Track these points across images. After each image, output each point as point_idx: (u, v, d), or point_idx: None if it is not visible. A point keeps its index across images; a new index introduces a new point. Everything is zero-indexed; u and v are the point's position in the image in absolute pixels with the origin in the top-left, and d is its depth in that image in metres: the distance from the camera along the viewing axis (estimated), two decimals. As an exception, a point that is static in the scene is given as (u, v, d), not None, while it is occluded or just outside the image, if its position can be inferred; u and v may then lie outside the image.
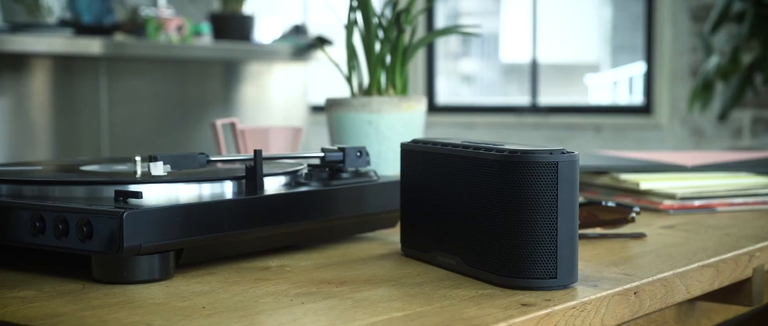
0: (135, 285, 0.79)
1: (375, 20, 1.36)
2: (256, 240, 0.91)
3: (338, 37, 3.60)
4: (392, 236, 1.04)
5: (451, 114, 5.72)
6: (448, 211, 0.85)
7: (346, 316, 0.70)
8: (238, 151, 1.42)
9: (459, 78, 7.99)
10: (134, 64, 3.04)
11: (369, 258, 0.93)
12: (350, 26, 1.38)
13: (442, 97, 6.03)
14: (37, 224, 0.81)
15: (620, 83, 7.69)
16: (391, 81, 1.37)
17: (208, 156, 0.92)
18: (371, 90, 1.36)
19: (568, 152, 0.78)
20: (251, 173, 0.90)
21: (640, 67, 7.41)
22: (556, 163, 0.77)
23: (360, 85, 1.39)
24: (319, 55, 3.42)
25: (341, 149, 1.00)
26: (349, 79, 1.39)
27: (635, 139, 5.00)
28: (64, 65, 2.88)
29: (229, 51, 3.23)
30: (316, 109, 3.72)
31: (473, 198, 0.81)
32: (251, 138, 1.41)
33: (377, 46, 1.36)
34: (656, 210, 1.23)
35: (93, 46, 2.84)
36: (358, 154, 1.00)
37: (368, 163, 1.01)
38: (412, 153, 0.91)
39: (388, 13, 1.40)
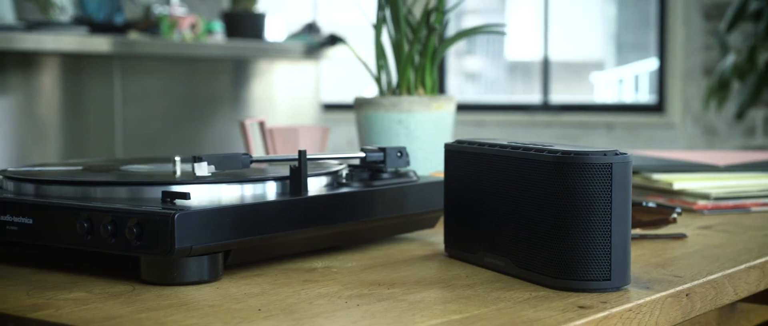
0: (184, 286, 0.79)
1: (404, 19, 1.35)
2: (299, 242, 0.90)
3: (348, 34, 3.60)
4: (431, 236, 1.04)
5: (461, 112, 5.70)
6: (496, 212, 0.85)
7: (404, 319, 0.69)
8: (266, 150, 1.42)
9: (463, 76, 7.99)
10: (148, 62, 3.04)
11: (413, 259, 0.92)
12: (379, 25, 1.37)
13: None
14: (86, 225, 0.80)
15: (626, 81, 7.68)
16: (420, 80, 1.36)
17: (251, 156, 0.91)
18: (401, 89, 1.36)
19: (621, 153, 0.77)
20: (296, 174, 0.90)
21: (645, 65, 7.41)
22: (611, 164, 0.76)
23: (388, 84, 1.38)
24: (330, 53, 3.42)
25: (382, 149, 0.99)
26: (377, 79, 1.39)
27: (647, 137, 4.99)
28: (78, 63, 2.88)
29: (242, 49, 3.22)
30: (327, 108, 3.72)
31: (523, 200, 0.81)
32: (280, 137, 1.40)
33: (406, 46, 1.36)
34: (690, 211, 1.22)
35: (107, 44, 2.83)
36: (399, 154, 1.00)
37: (408, 164, 1.00)
38: (456, 153, 0.91)
39: (415, 12, 1.40)
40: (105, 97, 2.94)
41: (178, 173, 0.95)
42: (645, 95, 7.23)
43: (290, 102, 3.39)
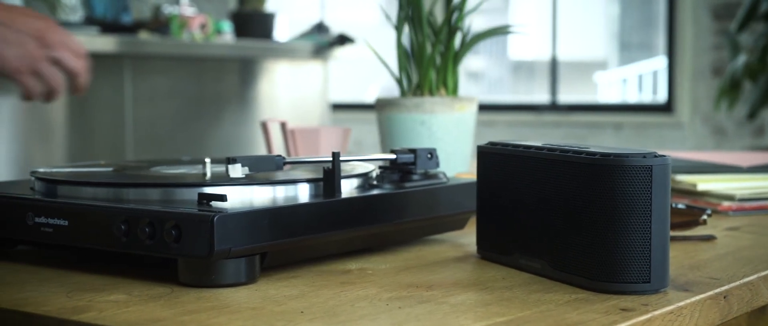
0: (222, 288, 0.79)
1: (427, 20, 1.35)
2: (332, 243, 0.90)
3: (355, 34, 3.60)
4: (461, 238, 1.04)
5: (466, 112, 5.70)
6: (531, 214, 0.85)
7: (449, 321, 0.69)
8: (287, 151, 1.42)
9: (466, 75, 7.99)
10: (158, 62, 3.04)
11: (446, 260, 0.92)
12: (400, 26, 1.37)
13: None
14: (123, 227, 0.80)
15: (630, 81, 7.69)
16: (442, 81, 1.36)
17: (284, 158, 0.91)
18: (423, 90, 1.36)
19: (660, 155, 0.77)
20: (329, 176, 0.90)
21: (649, 65, 7.41)
22: (651, 166, 0.76)
23: (409, 85, 1.38)
24: (338, 53, 3.42)
25: (412, 151, 0.99)
26: (399, 80, 1.39)
27: (656, 137, 4.99)
28: (92, 63, 2.88)
29: (251, 49, 3.22)
30: (335, 107, 3.72)
31: (560, 202, 0.81)
32: (301, 138, 1.40)
33: (428, 47, 1.36)
34: (714, 212, 1.22)
35: (117, 44, 2.83)
36: (429, 155, 1.00)
37: (438, 165, 1.00)
38: (490, 155, 0.91)
39: (436, 12, 1.40)
40: (115, 97, 2.94)
41: (208, 175, 0.95)
42: (649, 95, 7.24)
43: (299, 101, 3.39)
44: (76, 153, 2.91)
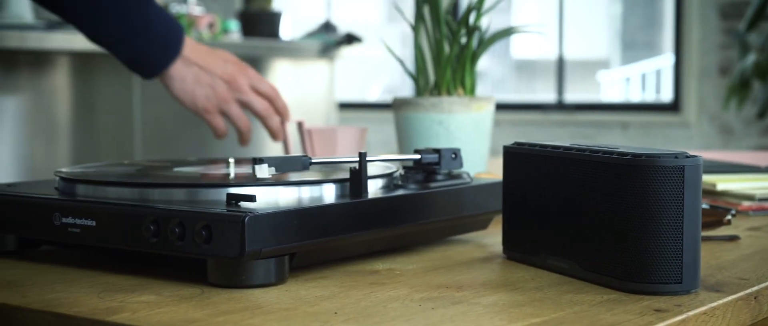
0: (252, 289, 0.79)
1: (444, 18, 1.35)
2: (359, 244, 0.90)
3: (362, 33, 3.59)
4: (484, 238, 1.04)
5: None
6: (559, 214, 0.85)
7: (483, 323, 0.69)
8: (304, 151, 1.42)
9: (469, 74, 7.97)
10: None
11: (472, 261, 0.92)
12: (418, 25, 1.37)
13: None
14: (152, 227, 0.80)
15: (633, 79, 7.69)
16: (460, 80, 1.36)
17: (310, 158, 0.91)
18: (440, 90, 1.36)
19: (691, 156, 0.77)
20: (356, 176, 0.89)
21: (652, 64, 7.41)
22: (683, 167, 0.76)
23: (425, 84, 1.38)
24: (345, 52, 3.41)
25: (436, 151, 0.99)
26: (416, 79, 1.38)
27: (663, 136, 4.99)
28: (97, 63, 2.87)
29: (259, 48, 3.22)
30: (342, 106, 3.72)
31: (589, 202, 0.81)
32: (318, 138, 1.40)
33: (446, 46, 1.35)
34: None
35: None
36: (453, 155, 1.00)
37: (462, 165, 1.00)
38: (516, 155, 0.91)
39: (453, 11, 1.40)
40: (123, 96, 2.93)
41: (232, 175, 0.95)
42: (652, 94, 7.24)
43: (305, 100, 3.39)
44: (80, 153, 2.90)
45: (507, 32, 1.43)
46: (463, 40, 1.36)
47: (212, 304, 0.74)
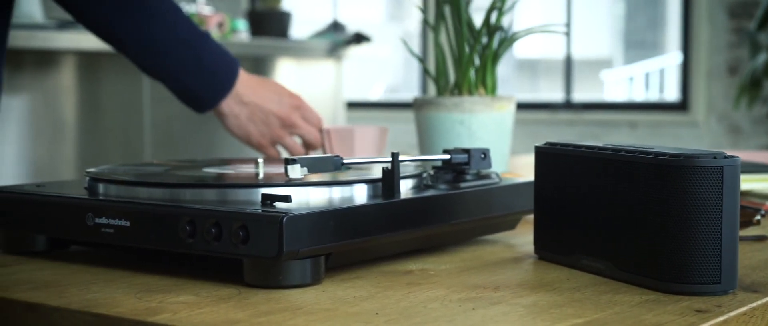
0: (289, 289, 0.78)
1: (466, 20, 1.35)
2: (391, 244, 0.90)
3: (369, 33, 3.59)
4: (512, 238, 1.04)
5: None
6: (594, 215, 0.84)
7: (527, 323, 0.69)
8: (323, 151, 1.42)
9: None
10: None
11: (504, 261, 0.92)
12: (438, 25, 1.37)
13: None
14: (188, 228, 0.80)
15: (637, 79, 7.69)
16: (481, 80, 1.36)
17: (342, 158, 0.91)
18: (461, 90, 1.35)
19: (729, 156, 0.77)
20: (389, 176, 0.89)
21: (655, 63, 7.40)
22: (721, 167, 0.76)
23: (445, 84, 1.38)
24: (352, 52, 3.41)
25: (466, 151, 0.99)
26: (436, 80, 1.38)
27: (671, 135, 4.99)
28: (106, 62, 2.87)
29: (268, 47, 3.22)
30: (350, 106, 3.72)
31: (625, 202, 0.81)
32: (337, 138, 1.40)
33: (467, 46, 1.35)
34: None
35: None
36: (483, 155, 0.99)
37: (490, 165, 1.00)
38: (549, 155, 0.91)
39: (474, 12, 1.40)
40: (133, 96, 2.93)
41: (261, 175, 0.95)
42: (655, 93, 7.23)
43: (313, 100, 3.38)
44: (86, 153, 2.90)
45: (528, 32, 1.43)
46: (484, 39, 1.36)
47: (251, 305, 0.74)
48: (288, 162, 0.88)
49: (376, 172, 0.94)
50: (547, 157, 0.91)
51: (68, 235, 0.90)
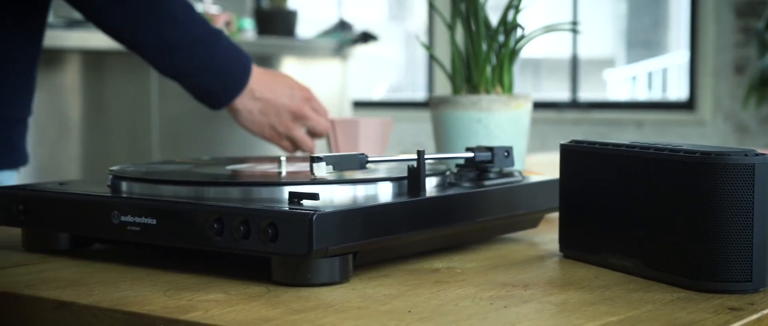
0: (318, 287, 0.78)
1: (483, 18, 1.35)
2: (417, 242, 0.90)
3: (376, 32, 3.59)
4: (535, 237, 1.03)
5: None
6: (622, 213, 0.84)
7: (561, 321, 0.69)
8: (329, 143, 1.42)
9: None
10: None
11: (530, 259, 0.92)
12: (454, 23, 1.37)
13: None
14: (216, 226, 0.80)
15: (640, 78, 7.69)
16: (498, 78, 1.36)
17: (367, 156, 0.91)
18: (478, 88, 1.35)
19: (760, 154, 0.77)
20: (414, 174, 0.89)
21: (657, 62, 7.40)
22: (753, 165, 0.76)
23: (461, 82, 1.38)
24: (358, 51, 3.41)
25: (489, 149, 0.99)
26: (452, 78, 1.38)
27: (678, 134, 4.99)
28: (115, 61, 2.87)
29: (275, 46, 3.21)
30: (356, 105, 3.72)
31: (655, 200, 0.80)
32: (341, 130, 1.40)
33: (484, 44, 1.35)
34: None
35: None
36: (506, 154, 0.99)
37: (513, 163, 1.00)
38: (575, 153, 0.90)
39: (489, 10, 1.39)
40: (140, 94, 2.93)
41: (284, 173, 0.95)
42: (658, 92, 7.23)
43: (321, 99, 3.39)
44: (92, 151, 2.90)
45: (544, 30, 1.43)
46: (501, 38, 1.36)
47: (282, 303, 0.73)
48: (313, 160, 0.88)
49: (382, 170, 0.94)
50: (573, 154, 0.91)
51: (93, 234, 0.90)
